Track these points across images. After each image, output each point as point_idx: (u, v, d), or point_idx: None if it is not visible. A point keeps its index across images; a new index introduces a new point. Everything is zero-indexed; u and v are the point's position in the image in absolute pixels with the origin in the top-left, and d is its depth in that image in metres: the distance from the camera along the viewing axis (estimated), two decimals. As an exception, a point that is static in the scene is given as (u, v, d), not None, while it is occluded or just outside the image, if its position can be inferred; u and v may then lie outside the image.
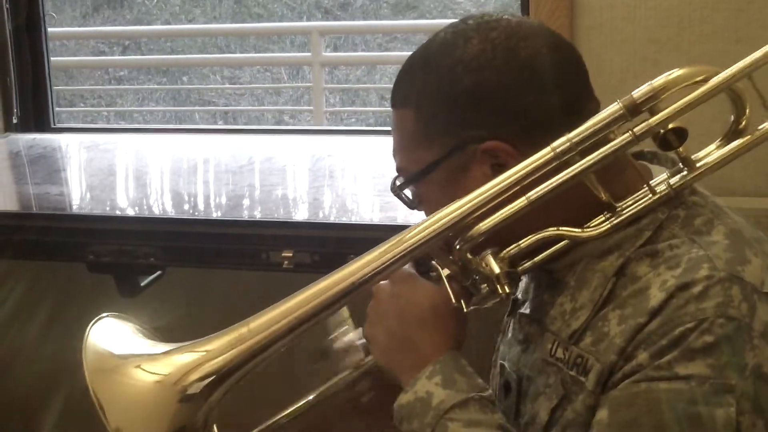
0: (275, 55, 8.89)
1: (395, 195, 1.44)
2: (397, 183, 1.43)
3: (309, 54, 6.84)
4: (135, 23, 9.83)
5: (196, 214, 2.65)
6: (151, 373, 1.33)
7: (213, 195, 2.87)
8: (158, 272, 2.52)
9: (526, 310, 1.44)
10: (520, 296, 1.49)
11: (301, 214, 2.67)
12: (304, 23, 9.13)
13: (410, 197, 1.44)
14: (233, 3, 9.70)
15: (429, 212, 1.39)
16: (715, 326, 1.18)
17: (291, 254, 2.28)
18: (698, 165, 1.31)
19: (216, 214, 2.66)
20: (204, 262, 2.44)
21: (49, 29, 3.59)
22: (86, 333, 1.38)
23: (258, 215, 2.65)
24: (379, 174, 3.04)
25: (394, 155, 1.43)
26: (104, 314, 1.44)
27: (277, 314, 1.34)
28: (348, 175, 3.13)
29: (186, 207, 2.70)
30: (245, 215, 2.64)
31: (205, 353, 1.33)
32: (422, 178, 1.38)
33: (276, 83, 9.04)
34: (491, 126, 1.31)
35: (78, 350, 1.36)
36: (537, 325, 1.40)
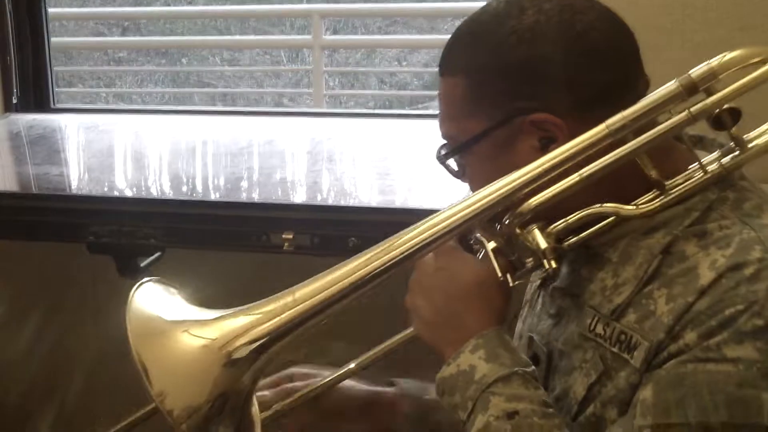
0: (275, 37, 8.88)
1: (441, 163, 1.43)
2: (443, 152, 1.42)
3: (309, 37, 6.83)
4: (134, 4, 9.83)
5: (195, 195, 2.65)
6: (198, 337, 1.32)
7: (212, 177, 2.87)
8: (158, 253, 2.52)
9: (560, 283, 1.43)
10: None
11: (299, 197, 2.67)
12: (305, 5, 9.11)
13: (455, 167, 1.43)
14: (233, -15, 9.69)
15: (474, 182, 1.38)
16: (765, 309, 1.18)
17: (291, 236, 2.29)
18: (750, 146, 1.31)
19: (215, 196, 2.67)
20: (204, 244, 2.45)
21: (49, 9, 3.58)
22: (130, 296, 1.37)
23: (256, 197, 2.66)
24: (378, 157, 3.05)
25: (441, 124, 1.41)
26: (148, 278, 1.43)
27: (323, 283, 1.33)
28: (347, 158, 3.13)
29: (184, 189, 2.71)
30: (244, 197, 2.65)
31: (252, 319, 1.33)
32: (469, 148, 1.37)
33: (275, 66, 9.03)
34: (541, 98, 1.30)
35: (82, 327, 1.36)
36: (572, 300, 1.39)
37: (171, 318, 1.36)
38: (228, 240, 2.40)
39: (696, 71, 1.27)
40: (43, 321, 3.10)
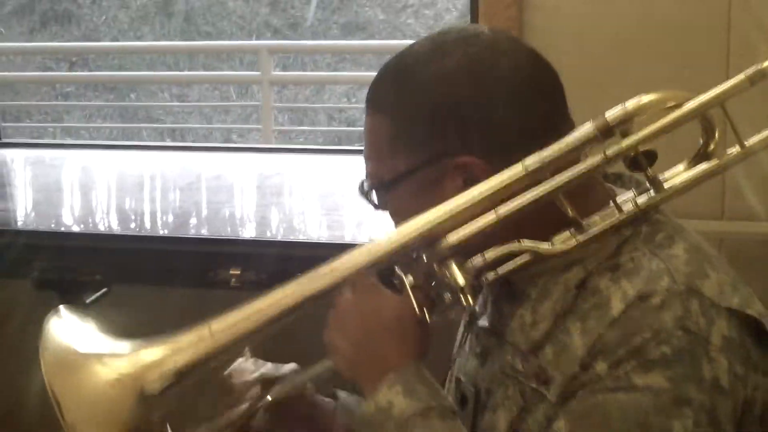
0: (224, 73, 8.88)
1: (362, 196, 1.42)
2: (365, 188, 1.42)
3: (258, 73, 6.83)
4: (83, 39, 9.77)
5: (143, 231, 2.63)
6: (112, 370, 1.30)
7: (160, 212, 2.86)
8: (104, 289, 2.50)
9: (484, 322, 1.43)
10: (477, 308, 1.49)
11: (248, 232, 2.66)
12: (254, 42, 9.12)
13: (377, 202, 1.42)
14: (182, 21, 9.68)
15: (397, 220, 1.37)
16: (673, 338, 1.18)
17: (239, 272, 2.27)
18: (666, 187, 1.32)
19: (163, 232, 2.65)
20: (151, 280, 2.43)
21: (-5, 44, 3.56)
22: (43, 326, 1.35)
23: (205, 233, 2.65)
24: (327, 192, 3.05)
25: (366, 160, 1.41)
26: (61, 306, 1.40)
27: (239, 317, 1.32)
28: (296, 193, 3.13)
29: (132, 225, 2.69)
30: (192, 233, 2.63)
31: (166, 352, 1.31)
32: (393, 186, 1.37)
33: (224, 101, 9.02)
34: (466, 140, 1.30)
35: (24, 365, 1.34)
36: (496, 338, 1.39)
37: (85, 349, 1.34)
38: (175, 276, 2.39)
39: (611, 113, 1.27)
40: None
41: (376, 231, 1.38)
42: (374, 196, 1.40)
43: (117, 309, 1.57)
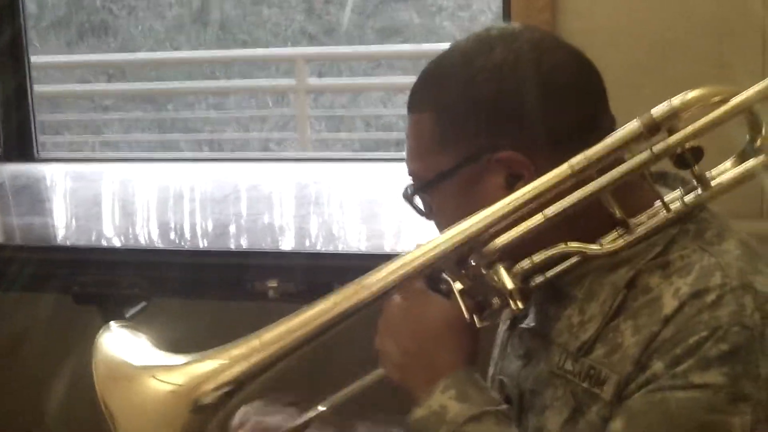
0: (260, 81, 8.89)
1: (407, 202, 1.42)
2: (409, 190, 1.42)
3: (294, 81, 6.84)
4: (120, 51, 9.82)
5: (182, 244, 2.64)
6: (165, 382, 1.32)
7: (199, 224, 2.86)
8: (143, 303, 2.50)
9: (528, 324, 1.43)
10: None
11: (287, 243, 2.66)
12: (289, 49, 9.12)
13: (422, 206, 1.42)
14: (218, 30, 9.71)
15: (441, 221, 1.38)
16: (729, 335, 1.18)
17: (276, 284, 2.27)
18: (713, 184, 1.31)
19: (202, 244, 2.65)
20: (188, 293, 2.43)
21: (33, 58, 3.59)
22: (96, 340, 1.36)
23: (243, 244, 2.65)
24: (365, 201, 3.04)
25: (408, 161, 1.42)
26: (112, 322, 1.43)
27: (288, 328, 1.34)
28: (334, 202, 3.13)
29: (172, 236, 2.70)
30: (231, 244, 2.64)
31: (219, 364, 1.33)
32: (436, 185, 1.37)
33: (261, 110, 9.04)
34: (508, 136, 1.31)
35: (67, 379, 1.35)
36: (541, 339, 1.39)
37: (138, 363, 1.36)
38: (214, 289, 2.39)
39: (657, 110, 1.28)
40: (27, 371, 3.06)
41: (415, 240, 1.38)
42: (418, 200, 1.40)
43: (157, 322, 1.57)
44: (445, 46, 1.41)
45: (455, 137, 1.34)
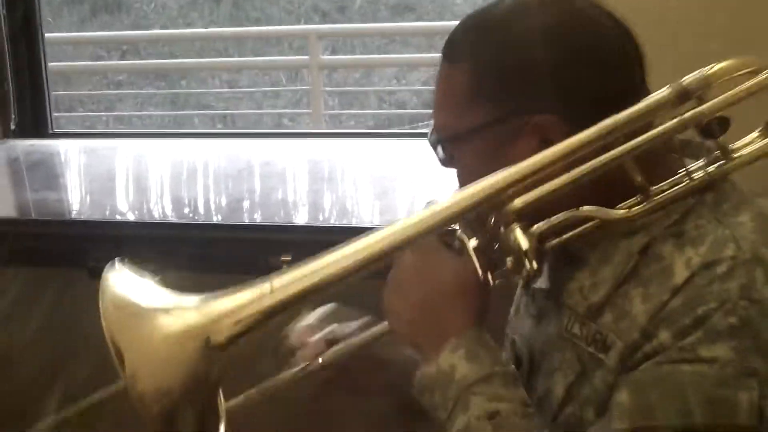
0: (273, 58, 8.88)
1: (432, 147, 1.41)
2: (433, 140, 1.40)
3: (307, 57, 6.83)
4: (133, 28, 9.82)
5: (196, 218, 2.64)
6: (179, 319, 1.27)
7: (212, 199, 2.87)
8: (158, 277, 2.51)
9: (542, 284, 1.42)
10: None
11: (300, 218, 2.66)
12: (302, 26, 9.12)
13: (443, 154, 1.41)
14: (231, 7, 9.70)
15: (463, 175, 1.36)
16: (738, 308, 1.18)
17: (289, 258, 2.27)
18: (736, 156, 1.31)
19: (216, 218, 2.66)
20: (203, 267, 2.43)
21: (47, 34, 3.59)
22: (102, 278, 1.31)
23: (258, 219, 2.65)
24: (378, 176, 3.04)
25: (437, 110, 1.39)
26: (116, 259, 1.38)
27: (299, 274, 1.30)
28: (347, 178, 3.13)
29: (186, 211, 2.70)
30: (245, 219, 2.64)
31: (235, 304, 1.28)
32: (465, 140, 1.35)
33: (274, 86, 9.03)
34: (546, 100, 1.29)
35: (80, 353, 1.32)
36: (553, 300, 1.39)
37: (149, 300, 1.31)
38: (227, 263, 2.39)
39: (689, 79, 1.28)
40: (41, 344, 3.08)
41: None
42: (440, 149, 1.39)
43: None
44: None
45: (492, 95, 1.32)
